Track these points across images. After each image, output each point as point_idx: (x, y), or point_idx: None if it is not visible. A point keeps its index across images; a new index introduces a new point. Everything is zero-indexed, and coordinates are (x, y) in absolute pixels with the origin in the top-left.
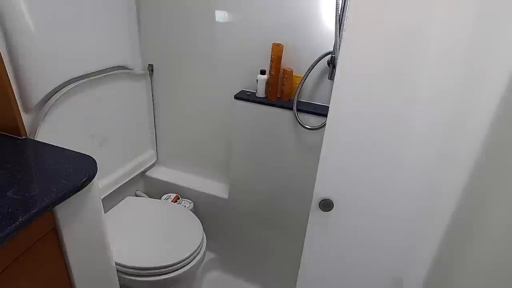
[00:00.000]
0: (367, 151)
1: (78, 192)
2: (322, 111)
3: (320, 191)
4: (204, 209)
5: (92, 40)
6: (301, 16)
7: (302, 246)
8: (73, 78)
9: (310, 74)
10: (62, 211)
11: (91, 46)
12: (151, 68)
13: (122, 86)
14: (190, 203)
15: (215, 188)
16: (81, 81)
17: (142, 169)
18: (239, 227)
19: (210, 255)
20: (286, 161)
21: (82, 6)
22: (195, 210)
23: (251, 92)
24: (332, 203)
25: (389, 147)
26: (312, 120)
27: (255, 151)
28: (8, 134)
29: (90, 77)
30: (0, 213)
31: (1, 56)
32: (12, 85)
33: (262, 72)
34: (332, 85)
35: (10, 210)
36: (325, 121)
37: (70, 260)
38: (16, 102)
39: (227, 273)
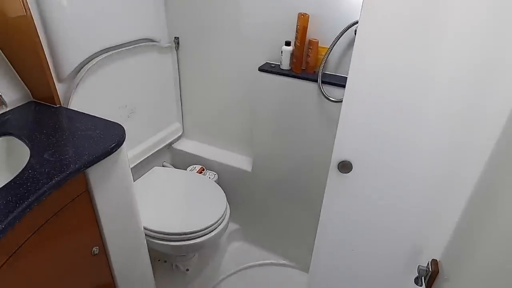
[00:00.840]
0: (387, 111)
1: (108, 157)
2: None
3: (339, 153)
4: (228, 181)
5: (121, 12)
6: None
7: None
8: (103, 50)
9: (336, 45)
10: (94, 174)
11: (119, 18)
12: (177, 40)
13: (149, 59)
14: (214, 174)
15: (239, 161)
16: (110, 53)
17: (169, 141)
18: (262, 199)
19: (233, 226)
20: (309, 134)
21: None
22: (219, 182)
23: (275, 64)
24: (351, 165)
25: (410, 106)
26: (336, 93)
27: (278, 124)
28: (44, 103)
29: (118, 48)
30: (38, 172)
31: (36, 29)
32: (46, 56)
33: (287, 43)
34: None
35: (46, 170)
36: None
37: (102, 221)
38: (51, 73)
39: (249, 243)
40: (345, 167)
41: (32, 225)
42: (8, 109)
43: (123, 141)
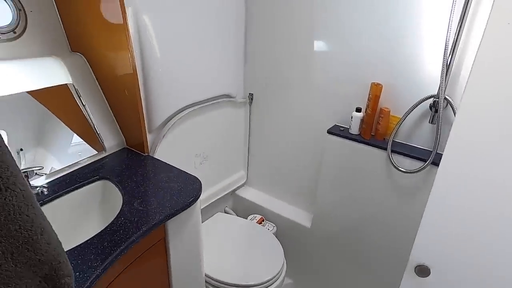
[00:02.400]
0: (476, 219)
1: (186, 210)
2: (418, 154)
3: (418, 256)
4: (286, 234)
5: (206, 71)
6: (404, 56)
7: None
8: (189, 105)
9: (408, 116)
10: (172, 224)
11: (204, 77)
12: (251, 96)
13: (224, 112)
14: (273, 226)
15: (299, 215)
16: (193, 108)
17: (233, 188)
18: (319, 257)
19: (287, 280)
20: (374, 201)
21: (200, 42)
22: (277, 234)
23: (344, 127)
24: (429, 270)
25: (504, 216)
26: (407, 163)
27: (343, 186)
28: (135, 150)
29: (201, 104)
30: (129, 220)
31: (139, 85)
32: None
33: (358, 110)
34: (434, 129)
35: (135, 219)
36: (422, 165)
37: (172, 267)
38: (144, 124)
39: None
40: (422, 271)
41: (117, 269)
42: (106, 154)
43: (199, 195)
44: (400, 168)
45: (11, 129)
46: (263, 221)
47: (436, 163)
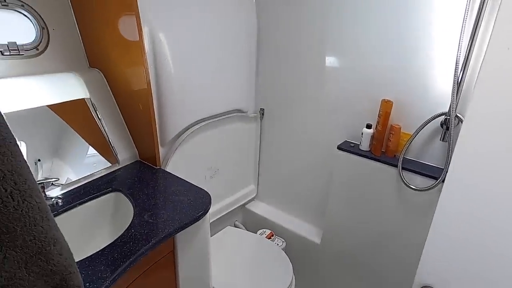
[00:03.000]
0: (482, 240)
1: (195, 223)
2: (429, 172)
3: (423, 276)
4: (296, 249)
5: (219, 86)
6: (415, 73)
7: None
8: (200, 119)
9: (419, 133)
10: (181, 237)
11: (217, 92)
12: (262, 111)
13: (236, 127)
14: (283, 242)
15: (308, 231)
16: (205, 122)
17: (243, 202)
18: (328, 273)
19: None
20: (384, 218)
21: (213, 58)
22: (286, 249)
23: (354, 143)
24: None
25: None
26: (418, 181)
27: (353, 202)
28: (148, 163)
29: (212, 119)
30: (139, 233)
31: (152, 100)
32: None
33: (368, 126)
34: (445, 146)
35: (145, 231)
36: (433, 183)
37: (180, 279)
38: (157, 138)
39: None
40: None
41: (126, 280)
42: (119, 166)
43: (209, 209)
44: (411, 186)
45: (30, 141)
46: (272, 236)
47: None
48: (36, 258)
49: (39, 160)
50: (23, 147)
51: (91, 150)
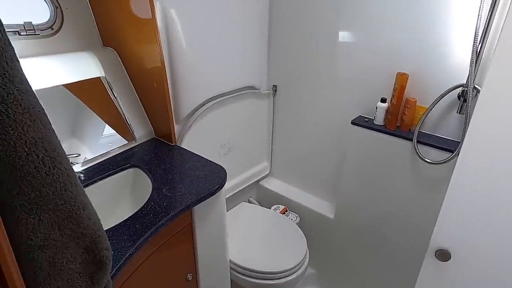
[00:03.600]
0: (498, 204)
1: (212, 196)
2: (445, 145)
3: (439, 240)
4: (309, 224)
5: (231, 63)
6: (431, 45)
7: (403, 281)
8: (214, 96)
9: (435, 106)
10: (198, 210)
11: (230, 69)
12: (275, 88)
13: (249, 104)
14: (296, 217)
15: (322, 206)
16: (219, 99)
17: (257, 179)
18: (341, 248)
19: (309, 270)
20: (398, 192)
21: (225, 35)
22: (300, 224)
23: (368, 118)
24: (450, 254)
25: None
26: (433, 154)
27: (366, 177)
28: (163, 140)
29: (225, 95)
30: (158, 205)
31: (166, 78)
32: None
33: (383, 100)
34: (462, 119)
35: (164, 204)
36: (448, 156)
37: (198, 251)
38: (172, 115)
39: None
40: (443, 255)
41: (148, 250)
42: (136, 144)
43: (224, 183)
44: (426, 159)
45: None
46: (286, 211)
47: None
48: (67, 221)
49: None
50: None
51: (107, 130)
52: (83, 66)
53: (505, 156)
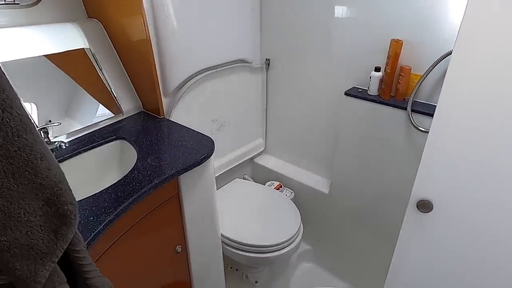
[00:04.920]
0: (477, 152)
1: (198, 166)
2: None
3: (420, 191)
4: (304, 200)
5: (221, 36)
6: (425, 11)
7: None
8: (203, 69)
9: (431, 72)
10: (185, 180)
11: (219, 41)
12: (268, 62)
13: (241, 78)
14: (291, 192)
15: (317, 181)
16: (208, 72)
17: (251, 156)
18: (336, 223)
19: (305, 246)
20: (393, 163)
21: (215, 7)
22: (295, 200)
23: (363, 89)
24: (432, 205)
25: (504, 150)
26: (427, 123)
27: (361, 149)
28: (151, 113)
29: (215, 68)
30: (142, 174)
31: (152, 51)
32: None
33: (377, 69)
34: None
35: (148, 173)
36: None
37: (187, 223)
38: (160, 88)
39: (319, 265)
40: (424, 206)
41: (133, 219)
42: (124, 117)
43: (212, 153)
44: (420, 128)
45: (40, 102)
46: (281, 187)
47: None
48: (23, 170)
49: (49, 121)
50: (33, 109)
51: (101, 111)
52: (66, 37)
53: (480, 108)
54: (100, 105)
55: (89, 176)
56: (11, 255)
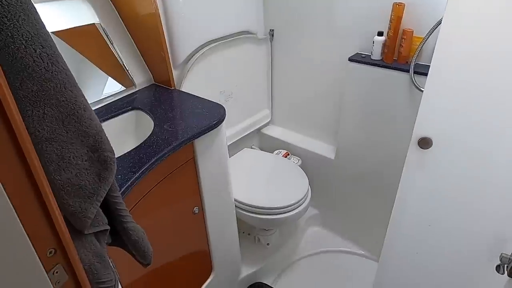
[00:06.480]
0: (474, 89)
1: (211, 131)
2: None
3: (421, 130)
4: (311, 166)
5: (226, 7)
6: None
7: None
8: (209, 41)
9: (432, 34)
10: (200, 144)
11: (224, 13)
12: (272, 32)
13: (246, 49)
14: (298, 159)
15: (323, 148)
16: (214, 44)
17: (258, 126)
18: (343, 187)
19: (313, 211)
20: (398, 126)
21: None
22: (302, 167)
23: (366, 54)
24: (431, 141)
25: (500, 86)
26: None
27: (366, 114)
28: (163, 85)
29: (221, 40)
30: (160, 138)
31: (161, 24)
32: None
33: (380, 34)
34: None
35: (166, 137)
36: None
37: (202, 185)
38: (169, 60)
39: (327, 229)
40: (425, 143)
41: (154, 180)
42: (136, 89)
43: (224, 118)
44: (422, 89)
45: None
46: (288, 155)
47: None
48: (70, 118)
49: None
50: None
51: (110, 88)
52: (76, 13)
53: (483, 50)
54: (108, 80)
55: None
56: (65, 193)
